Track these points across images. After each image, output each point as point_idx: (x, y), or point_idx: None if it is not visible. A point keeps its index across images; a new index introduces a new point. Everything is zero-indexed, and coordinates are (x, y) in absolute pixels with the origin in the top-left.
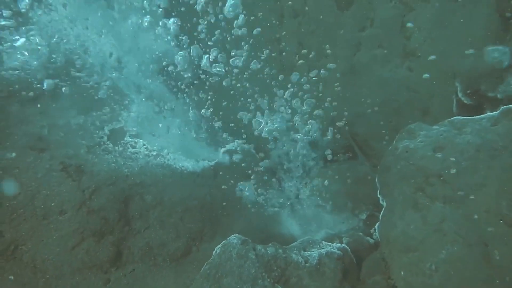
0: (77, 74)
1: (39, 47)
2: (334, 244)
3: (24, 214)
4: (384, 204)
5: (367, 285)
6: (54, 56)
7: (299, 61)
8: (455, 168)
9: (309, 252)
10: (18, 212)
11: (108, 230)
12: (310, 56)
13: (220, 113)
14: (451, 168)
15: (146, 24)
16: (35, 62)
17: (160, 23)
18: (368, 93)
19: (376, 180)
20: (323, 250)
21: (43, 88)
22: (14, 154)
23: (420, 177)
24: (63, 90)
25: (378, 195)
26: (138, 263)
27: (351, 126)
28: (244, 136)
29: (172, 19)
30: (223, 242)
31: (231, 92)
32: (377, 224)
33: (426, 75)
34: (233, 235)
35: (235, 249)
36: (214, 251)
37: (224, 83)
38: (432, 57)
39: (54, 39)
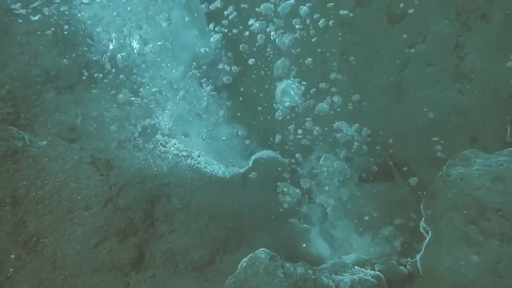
0: (113, 68)
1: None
2: (368, 270)
3: (50, 205)
4: (429, 233)
5: None
6: (92, 43)
7: (339, 74)
8: None
9: (340, 277)
10: (44, 203)
11: (132, 230)
12: (353, 68)
13: (254, 120)
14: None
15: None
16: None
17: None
18: (412, 113)
19: (421, 207)
20: (355, 276)
21: (82, 77)
22: (45, 142)
23: (475, 209)
24: (100, 81)
25: (422, 223)
26: (159, 268)
27: (391, 147)
28: (276, 147)
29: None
30: (250, 255)
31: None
32: (419, 255)
33: (478, 100)
34: (260, 249)
35: (262, 264)
36: (240, 264)
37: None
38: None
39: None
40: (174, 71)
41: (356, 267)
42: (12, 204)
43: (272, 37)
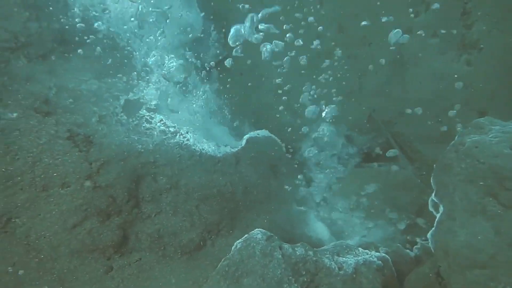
0: (92, 36)
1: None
2: (373, 252)
3: (22, 182)
4: (441, 209)
5: None
6: (71, 10)
7: (337, 48)
8: None
9: (343, 258)
10: (15, 179)
11: (115, 210)
12: (349, 41)
13: (247, 97)
14: None
15: None
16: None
17: None
18: (416, 88)
19: (431, 180)
20: (359, 257)
21: (56, 45)
22: (15, 114)
23: (492, 179)
24: (78, 52)
25: (433, 198)
26: (145, 251)
27: (393, 125)
28: (270, 125)
29: None
30: (245, 236)
31: (262, 77)
32: (429, 233)
33: (487, 71)
34: (256, 229)
35: (258, 245)
36: (234, 246)
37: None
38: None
39: None
40: (160, 42)
41: (359, 248)
42: None
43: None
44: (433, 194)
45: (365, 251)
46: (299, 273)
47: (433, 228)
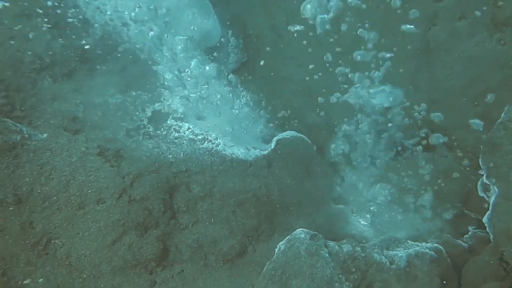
0: (114, 51)
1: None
2: (423, 243)
3: (58, 202)
4: (496, 191)
5: None
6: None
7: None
8: None
9: (393, 252)
10: (51, 200)
11: (152, 223)
12: (372, 35)
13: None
14: None
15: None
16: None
17: None
18: (447, 74)
19: (480, 162)
20: (410, 250)
21: (80, 63)
22: (45, 135)
23: None
24: (101, 68)
25: (484, 180)
26: (187, 262)
27: (427, 114)
28: (298, 125)
29: None
30: (287, 237)
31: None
32: (486, 217)
33: None
34: (299, 229)
35: (303, 245)
36: (277, 248)
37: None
38: None
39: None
40: (180, 51)
41: (409, 241)
42: (15, 204)
43: None
44: (483, 177)
45: (415, 243)
46: (349, 270)
47: (489, 212)
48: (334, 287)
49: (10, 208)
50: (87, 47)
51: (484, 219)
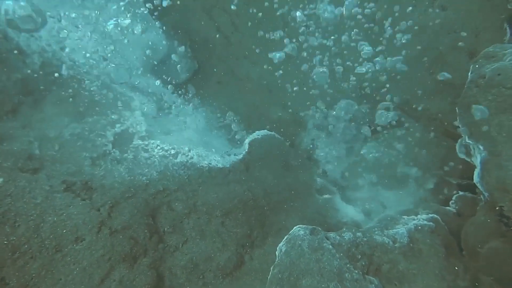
0: (57, 79)
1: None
2: (419, 216)
3: (30, 250)
4: (480, 148)
5: (486, 256)
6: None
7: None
8: None
9: (393, 230)
10: (22, 249)
11: (140, 251)
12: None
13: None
14: None
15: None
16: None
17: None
18: (398, 46)
19: (458, 123)
20: (410, 224)
21: (21, 97)
22: (1, 180)
23: None
24: (47, 99)
25: (467, 140)
26: (185, 286)
27: (388, 88)
28: (265, 124)
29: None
30: (286, 237)
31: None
32: (476, 175)
33: (465, 10)
34: (296, 226)
35: (304, 241)
36: (277, 251)
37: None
38: None
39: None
40: (129, 67)
41: (404, 217)
42: None
43: None
44: (464, 138)
45: (412, 217)
46: (355, 258)
47: (479, 171)
48: (345, 278)
49: None
50: (28, 77)
51: (475, 179)
